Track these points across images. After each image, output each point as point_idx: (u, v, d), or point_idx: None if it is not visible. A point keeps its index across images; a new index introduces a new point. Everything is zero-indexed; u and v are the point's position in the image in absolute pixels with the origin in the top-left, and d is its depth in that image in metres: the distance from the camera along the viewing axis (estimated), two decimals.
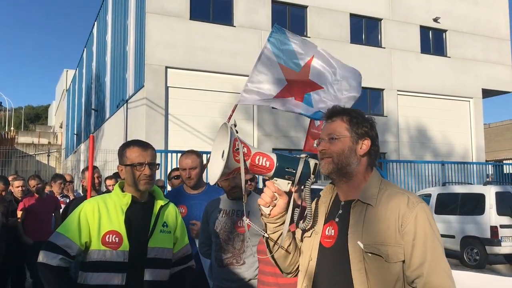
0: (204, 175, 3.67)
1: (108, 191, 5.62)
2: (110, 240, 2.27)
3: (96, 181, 4.90)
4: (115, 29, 20.79)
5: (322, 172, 1.69)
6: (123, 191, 2.42)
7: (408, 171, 14.33)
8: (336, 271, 1.64)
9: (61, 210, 6.41)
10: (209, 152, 4.23)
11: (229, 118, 6.27)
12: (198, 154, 3.67)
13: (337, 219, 1.69)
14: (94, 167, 5.18)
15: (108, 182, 6.18)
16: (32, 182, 6.51)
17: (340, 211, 1.70)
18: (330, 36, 17.41)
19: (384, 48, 18.56)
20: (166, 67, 14.62)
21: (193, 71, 14.93)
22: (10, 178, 6.90)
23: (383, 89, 18.39)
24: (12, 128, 51.16)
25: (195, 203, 3.56)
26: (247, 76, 16.94)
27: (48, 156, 31.65)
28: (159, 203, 2.48)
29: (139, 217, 2.37)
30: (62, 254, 2.22)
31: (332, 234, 1.67)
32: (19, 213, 6.18)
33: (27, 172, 24.37)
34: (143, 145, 2.45)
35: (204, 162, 3.83)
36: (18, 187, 6.55)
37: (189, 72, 14.90)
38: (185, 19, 15.16)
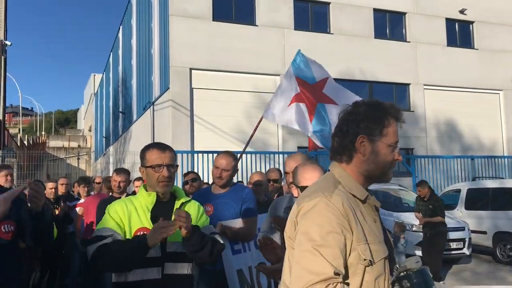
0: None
1: (135, 192, 5.77)
2: None
3: (116, 184, 5.05)
4: (140, 33, 21.12)
5: (388, 181, 1.75)
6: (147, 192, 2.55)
7: (437, 167, 14.10)
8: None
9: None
10: (235, 152, 4.35)
11: (255, 129, 6.53)
12: (235, 157, 3.82)
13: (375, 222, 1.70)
14: (121, 170, 5.33)
15: (136, 183, 6.32)
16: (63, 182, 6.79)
17: (376, 214, 1.71)
18: (354, 32, 17.28)
19: (409, 42, 18.29)
20: (190, 69, 14.79)
21: (216, 72, 15.06)
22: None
23: (409, 84, 18.13)
24: (43, 133, 52.56)
25: (220, 202, 3.69)
26: (270, 75, 17.19)
27: (78, 159, 32.42)
28: (180, 200, 2.60)
29: (162, 214, 2.45)
30: (110, 239, 2.33)
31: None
32: (80, 211, 6.45)
33: (58, 175, 25.03)
34: (162, 147, 2.56)
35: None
36: (51, 188, 6.78)
37: (212, 73, 15.04)
38: (207, 20, 15.30)
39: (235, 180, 4.47)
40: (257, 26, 15.96)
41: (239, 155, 7.23)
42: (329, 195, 1.56)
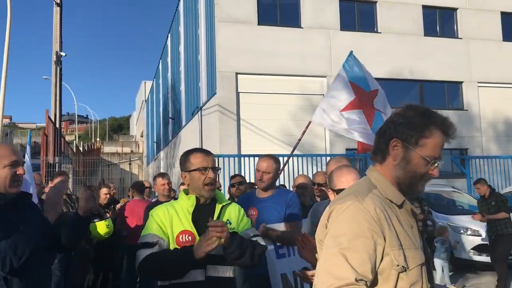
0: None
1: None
2: (184, 240, 2.43)
3: (167, 187, 5.15)
4: (187, 39, 21.55)
5: (417, 194, 1.68)
6: None
7: (494, 167, 13.44)
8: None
9: None
10: (282, 155, 4.33)
11: (303, 133, 6.49)
12: (276, 160, 3.82)
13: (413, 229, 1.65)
14: (164, 174, 5.43)
15: (182, 187, 6.43)
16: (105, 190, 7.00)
17: (413, 220, 1.66)
18: (402, 30, 16.83)
19: (461, 38, 17.59)
20: (237, 73, 14.92)
21: (262, 76, 15.11)
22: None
23: (461, 82, 17.43)
24: (97, 139, 54.65)
25: (265, 206, 3.70)
26: (316, 77, 16.98)
27: (130, 164, 33.45)
28: (221, 204, 2.62)
29: (203, 217, 2.48)
30: (156, 247, 2.39)
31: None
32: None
33: (112, 179, 25.92)
34: (205, 151, 2.64)
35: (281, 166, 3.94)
36: (105, 194, 7.02)
37: (258, 77, 15.10)
38: (253, 25, 15.39)
39: (277, 183, 4.45)
40: (302, 28, 15.89)
41: (285, 158, 7.22)
42: (362, 198, 1.52)
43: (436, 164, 1.58)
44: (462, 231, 8.61)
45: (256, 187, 3.94)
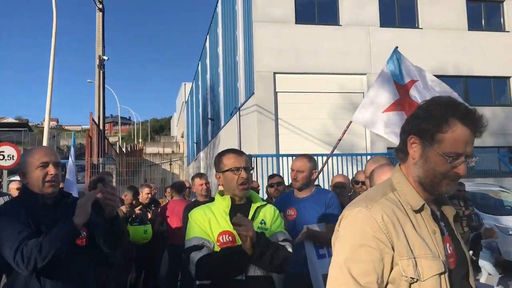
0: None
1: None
2: (225, 240, 2.45)
3: (205, 187, 5.19)
4: (226, 40, 21.71)
5: (450, 193, 1.53)
6: None
7: None
8: None
9: None
10: (321, 155, 4.26)
11: (343, 133, 6.38)
12: (311, 159, 3.79)
13: (447, 233, 1.54)
14: (202, 174, 5.47)
15: (220, 188, 6.46)
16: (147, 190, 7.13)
17: (442, 223, 1.55)
18: (445, 25, 16.31)
19: (508, 31, 16.87)
20: (274, 73, 14.90)
21: (300, 75, 15.02)
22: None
23: (509, 77, 16.72)
24: (140, 140, 56.00)
25: (303, 206, 3.67)
26: (356, 74, 16.70)
27: (170, 164, 34.06)
28: (256, 204, 2.62)
29: None
30: (205, 249, 2.42)
31: (451, 251, 1.51)
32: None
33: (154, 180, 26.47)
34: (238, 152, 2.66)
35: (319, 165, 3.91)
36: (147, 193, 7.16)
37: (296, 76, 15.02)
38: (291, 23, 15.33)
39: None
40: (341, 25, 15.68)
41: (325, 158, 7.13)
42: (371, 205, 1.44)
43: (460, 161, 1.42)
44: (510, 232, 8.26)
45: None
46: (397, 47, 6.33)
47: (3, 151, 9.38)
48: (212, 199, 3.02)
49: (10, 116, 74.41)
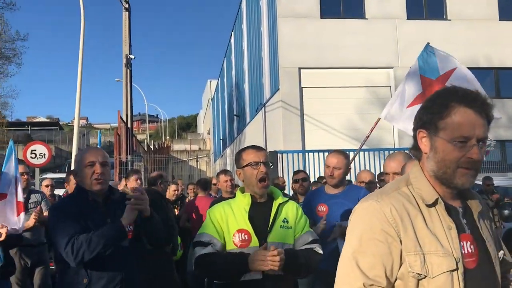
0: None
1: None
2: (241, 238, 2.45)
3: (229, 184, 5.21)
4: (250, 37, 21.72)
5: (467, 186, 1.42)
6: None
7: None
8: None
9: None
10: (347, 150, 4.20)
11: (372, 130, 6.31)
12: (346, 155, 3.75)
13: (469, 231, 1.45)
14: (227, 171, 5.50)
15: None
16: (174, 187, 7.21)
17: (464, 220, 1.47)
18: (474, 16, 15.86)
19: None
20: (299, 68, 14.82)
21: (325, 69, 14.89)
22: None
23: None
24: (167, 138, 56.63)
25: (335, 202, 3.62)
26: (382, 68, 16.33)
27: (197, 161, 34.38)
28: (278, 201, 2.59)
29: (260, 215, 2.50)
30: (210, 247, 2.45)
31: (473, 250, 1.43)
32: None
33: (182, 176, 26.76)
34: (257, 147, 2.67)
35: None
36: (174, 190, 7.25)
37: (321, 71, 14.90)
38: (315, 18, 15.20)
39: None
40: (366, 19, 15.46)
41: (352, 153, 7.05)
42: (381, 198, 1.42)
43: (470, 144, 1.34)
44: None
45: (325, 183, 3.89)
46: (428, 43, 6.21)
47: (35, 150, 9.63)
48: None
49: (41, 115, 76.37)
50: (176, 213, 7.14)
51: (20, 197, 4.12)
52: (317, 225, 3.44)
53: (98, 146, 6.36)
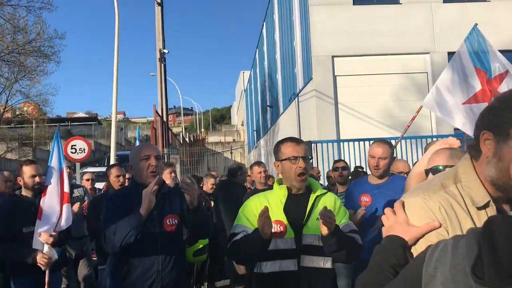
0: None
1: None
2: (276, 230, 2.43)
3: (263, 175, 5.22)
4: (282, 27, 21.58)
5: None
6: None
7: None
8: None
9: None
10: (386, 138, 4.05)
11: (413, 119, 6.12)
12: (390, 144, 3.70)
13: None
14: (260, 162, 5.50)
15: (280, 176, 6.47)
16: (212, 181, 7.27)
17: None
18: None
19: None
20: (333, 57, 14.61)
21: (359, 57, 14.63)
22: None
23: None
24: (202, 130, 57.25)
25: (379, 193, 3.56)
26: (419, 54, 15.87)
27: (231, 152, 34.61)
28: (316, 193, 2.57)
29: (296, 207, 2.49)
30: (240, 235, 2.48)
31: None
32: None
33: (217, 168, 27.02)
34: (296, 140, 2.62)
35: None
36: (212, 184, 7.32)
37: (355, 58, 14.65)
38: (348, 5, 14.93)
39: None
40: (401, 4, 15.05)
41: (393, 142, 6.89)
42: (428, 196, 1.33)
43: None
44: None
45: (362, 173, 3.84)
46: (476, 25, 5.81)
47: (75, 145, 9.91)
48: (271, 187, 3.04)
49: (80, 110, 78.75)
50: (212, 205, 7.20)
51: (66, 187, 4.12)
52: (356, 213, 3.40)
53: (136, 141, 6.50)
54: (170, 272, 2.83)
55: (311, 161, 2.68)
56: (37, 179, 3.98)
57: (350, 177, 5.73)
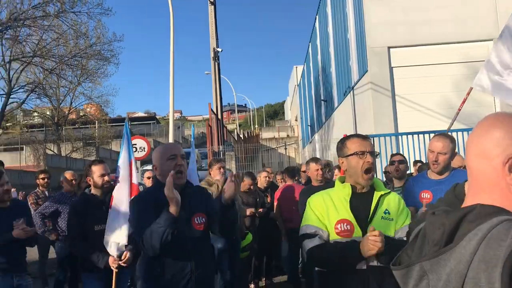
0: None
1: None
2: (343, 229, 2.41)
3: (320, 172, 5.14)
4: (335, 19, 21.25)
5: None
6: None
7: None
8: None
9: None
10: (444, 131, 3.87)
11: (463, 103, 5.82)
12: (452, 139, 3.52)
13: None
14: (318, 159, 5.43)
15: (336, 171, 6.36)
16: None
17: None
18: None
19: None
20: (389, 48, 14.21)
21: (417, 47, 14.12)
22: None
23: None
24: (256, 126, 57.60)
25: (440, 189, 3.36)
26: (481, 41, 15.15)
27: (285, 148, 34.58)
28: (379, 192, 2.50)
29: (361, 206, 2.44)
30: (318, 239, 2.45)
31: None
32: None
33: (272, 164, 27.10)
34: (362, 136, 2.59)
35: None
36: (265, 177, 7.35)
37: (412, 49, 14.15)
38: None
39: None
40: None
41: (454, 135, 6.60)
42: None
43: None
44: None
45: (420, 167, 3.71)
46: None
47: (135, 144, 10.29)
48: (326, 184, 2.99)
49: (140, 110, 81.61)
50: (268, 200, 7.23)
51: (135, 179, 4.21)
52: (418, 212, 3.28)
53: (192, 140, 6.62)
54: (203, 271, 2.86)
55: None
56: (106, 178, 4.10)
57: (412, 172, 5.54)
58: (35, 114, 39.15)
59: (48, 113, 36.97)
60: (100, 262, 3.88)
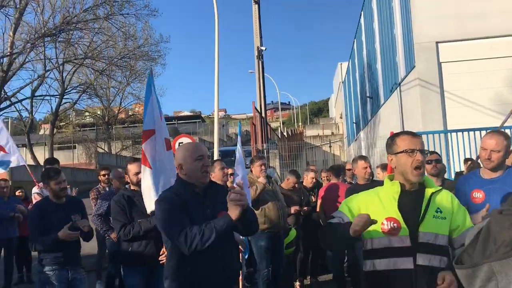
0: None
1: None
2: (390, 227, 2.38)
3: (368, 171, 5.08)
4: (381, 14, 20.83)
5: None
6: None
7: None
8: None
9: None
10: (496, 128, 3.74)
11: None
12: (506, 136, 3.37)
13: None
14: (365, 157, 5.37)
15: (378, 170, 6.26)
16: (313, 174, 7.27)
17: None
18: None
19: None
20: (437, 43, 13.78)
21: (467, 41, 13.61)
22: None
23: None
24: (300, 124, 57.37)
25: (493, 188, 3.28)
26: None
27: (330, 146, 34.22)
28: (430, 190, 2.45)
29: (410, 204, 2.41)
30: (335, 219, 2.49)
31: None
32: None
33: (316, 162, 26.92)
34: (412, 133, 2.53)
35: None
36: (312, 178, 7.35)
37: (462, 43, 13.66)
38: None
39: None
40: None
41: (508, 132, 6.33)
42: None
43: None
44: None
45: (471, 165, 3.59)
46: None
47: (182, 142, 10.52)
48: (372, 182, 2.97)
49: (185, 109, 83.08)
50: (313, 199, 7.22)
51: (167, 134, 4.18)
52: (476, 214, 3.15)
53: (238, 137, 6.69)
54: (229, 268, 2.93)
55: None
56: (140, 176, 4.20)
57: (462, 170, 5.37)
58: (87, 113, 40.77)
59: (99, 112, 38.39)
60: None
